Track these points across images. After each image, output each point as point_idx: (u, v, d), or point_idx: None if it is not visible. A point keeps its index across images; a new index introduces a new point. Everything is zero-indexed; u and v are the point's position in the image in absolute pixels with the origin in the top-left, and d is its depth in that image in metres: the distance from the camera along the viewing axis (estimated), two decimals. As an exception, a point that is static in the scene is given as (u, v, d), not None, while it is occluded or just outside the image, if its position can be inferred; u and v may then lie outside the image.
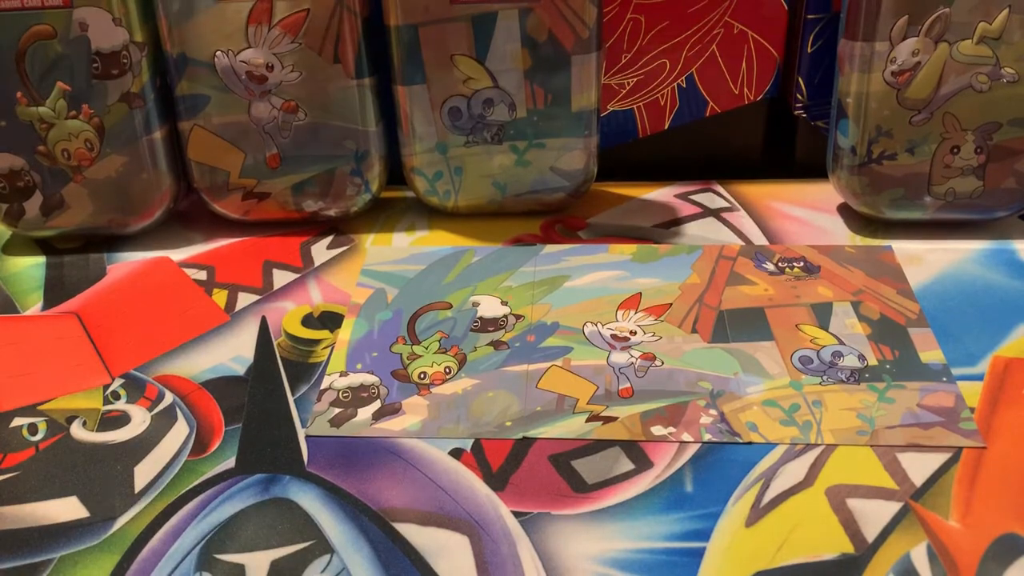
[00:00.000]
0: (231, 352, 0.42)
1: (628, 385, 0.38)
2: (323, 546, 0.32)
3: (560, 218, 0.51)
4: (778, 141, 0.55)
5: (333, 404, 0.38)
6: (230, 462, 0.36)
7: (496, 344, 0.41)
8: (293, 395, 0.39)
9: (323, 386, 0.39)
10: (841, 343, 0.41)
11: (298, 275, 0.47)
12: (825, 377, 0.39)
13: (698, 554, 0.31)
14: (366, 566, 0.31)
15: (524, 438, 0.36)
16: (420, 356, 0.41)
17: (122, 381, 0.40)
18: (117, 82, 0.46)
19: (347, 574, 0.31)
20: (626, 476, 0.34)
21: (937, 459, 0.34)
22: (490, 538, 0.32)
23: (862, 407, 0.37)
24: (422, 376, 0.39)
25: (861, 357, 0.40)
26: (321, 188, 0.49)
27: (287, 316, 0.44)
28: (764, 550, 0.31)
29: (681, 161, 0.55)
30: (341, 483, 0.34)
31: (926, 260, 0.47)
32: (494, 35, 0.46)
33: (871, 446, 0.35)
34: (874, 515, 0.32)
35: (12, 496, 0.35)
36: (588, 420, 0.37)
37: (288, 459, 0.36)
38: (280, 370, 0.40)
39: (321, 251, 0.49)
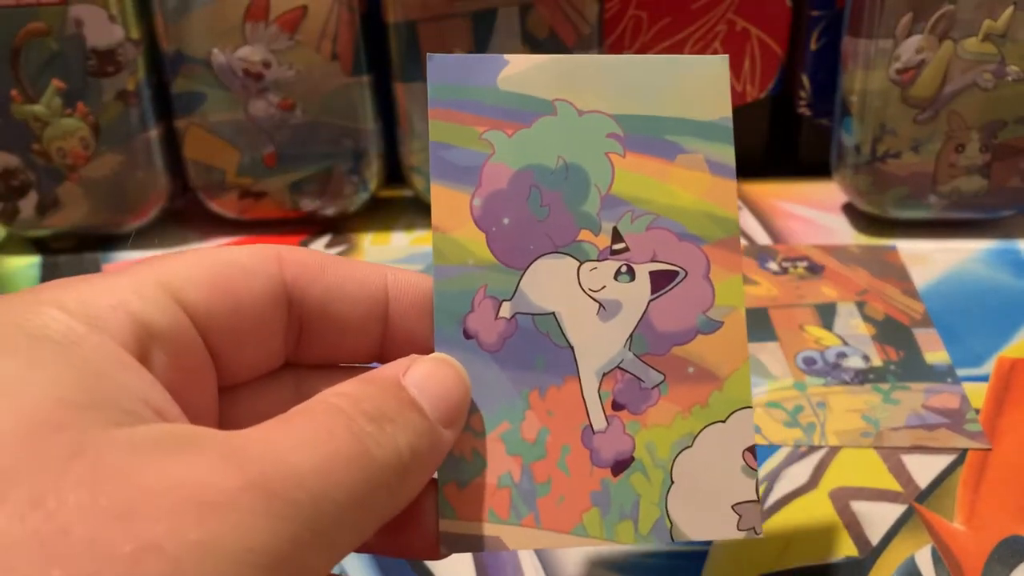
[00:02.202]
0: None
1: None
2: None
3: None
4: (781, 139, 0.54)
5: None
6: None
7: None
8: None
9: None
10: (845, 344, 0.40)
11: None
12: (829, 378, 0.38)
13: (700, 557, 0.31)
14: (364, 567, 0.31)
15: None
16: None
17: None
18: (112, 80, 0.46)
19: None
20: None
21: (942, 461, 0.34)
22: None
23: (866, 408, 0.36)
24: None
25: (865, 358, 0.39)
26: (319, 187, 0.49)
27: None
28: (767, 553, 0.31)
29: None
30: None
31: (931, 260, 0.46)
32: (494, 31, 0.46)
33: (875, 448, 0.35)
34: (878, 518, 0.32)
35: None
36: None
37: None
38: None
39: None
